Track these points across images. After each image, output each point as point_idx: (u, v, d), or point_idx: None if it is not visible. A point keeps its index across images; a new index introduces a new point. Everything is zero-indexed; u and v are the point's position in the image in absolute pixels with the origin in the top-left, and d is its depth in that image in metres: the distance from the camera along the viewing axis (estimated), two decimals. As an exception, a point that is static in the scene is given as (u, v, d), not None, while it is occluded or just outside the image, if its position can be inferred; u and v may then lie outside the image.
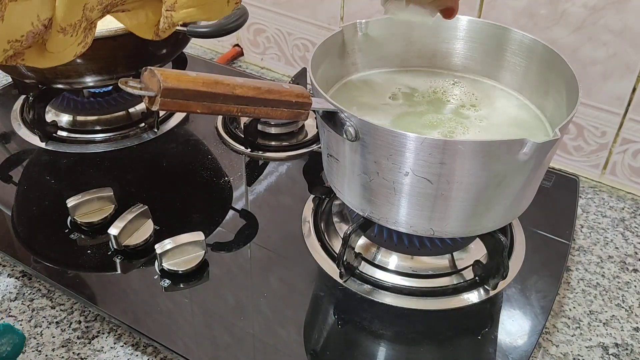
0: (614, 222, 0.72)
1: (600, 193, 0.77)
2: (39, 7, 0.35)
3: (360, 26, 0.62)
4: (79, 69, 0.68)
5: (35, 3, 0.34)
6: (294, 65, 1.00)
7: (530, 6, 0.74)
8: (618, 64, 0.71)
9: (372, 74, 0.65)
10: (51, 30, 0.35)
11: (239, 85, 0.43)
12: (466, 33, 0.64)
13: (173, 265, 0.57)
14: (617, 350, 0.56)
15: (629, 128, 0.74)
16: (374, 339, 0.54)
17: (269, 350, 0.52)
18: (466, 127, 0.58)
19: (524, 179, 0.49)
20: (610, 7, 0.69)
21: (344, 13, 0.89)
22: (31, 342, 0.55)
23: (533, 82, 0.61)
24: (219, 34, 0.70)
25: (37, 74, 0.69)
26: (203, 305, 0.56)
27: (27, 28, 0.35)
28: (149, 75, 0.40)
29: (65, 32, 0.36)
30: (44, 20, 0.34)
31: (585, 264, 0.66)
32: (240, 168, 0.74)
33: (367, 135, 0.47)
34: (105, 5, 0.38)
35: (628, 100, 0.73)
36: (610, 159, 0.77)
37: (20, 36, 0.35)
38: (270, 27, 0.99)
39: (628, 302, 0.61)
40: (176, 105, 0.41)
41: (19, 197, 0.69)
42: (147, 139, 0.78)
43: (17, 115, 0.81)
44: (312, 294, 0.58)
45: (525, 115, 0.60)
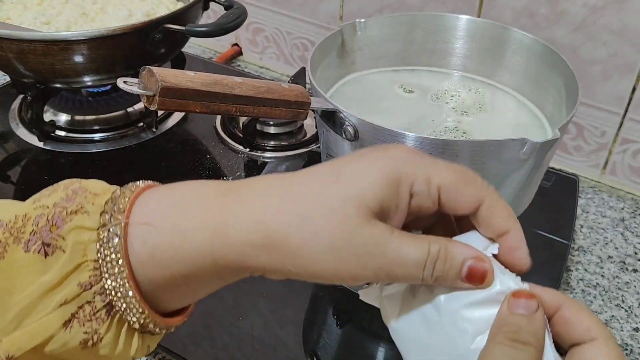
0: (613, 222, 0.72)
1: (600, 193, 0.77)
2: None
3: (359, 25, 0.62)
4: (78, 68, 0.67)
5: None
6: (293, 65, 1.00)
7: (529, 5, 0.74)
8: (618, 63, 0.71)
9: (371, 73, 0.65)
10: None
11: (238, 84, 0.43)
12: (466, 32, 0.64)
13: (171, 265, 0.57)
14: (616, 351, 0.56)
15: (629, 128, 0.74)
16: (373, 340, 0.54)
17: (268, 350, 0.52)
18: (469, 125, 0.58)
19: (524, 179, 0.49)
20: (610, 7, 0.69)
21: (343, 12, 0.89)
22: (29, 343, 0.54)
23: (532, 82, 0.61)
24: (217, 33, 0.70)
25: (36, 74, 0.69)
26: (201, 305, 0.56)
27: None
28: (147, 74, 0.40)
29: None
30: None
31: (584, 264, 0.65)
32: (239, 168, 0.73)
33: (366, 135, 0.47)
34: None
35: (628, 99, 0.72)
36: (610, 158, 0.77)
37: None
38: (269, 26, 0.99)
39: (628, 303, 0.61)
40: (175, 104, 0.41)
41: (17, 196, 0.69)
42: (146, 139, 0.78)
43: (15, 115, 0.81)
44: (311, 294, 0.58)
45: (524, 115, 0.60)
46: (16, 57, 0.66)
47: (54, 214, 0.29)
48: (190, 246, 0.29)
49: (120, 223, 0.29)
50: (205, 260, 0.29)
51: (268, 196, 0.29)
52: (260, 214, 0.28)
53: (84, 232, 0.29)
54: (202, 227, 0.29)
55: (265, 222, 0.28)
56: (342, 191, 0.28)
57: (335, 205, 0.28)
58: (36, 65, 0.67)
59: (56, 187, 0.31)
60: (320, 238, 0.28)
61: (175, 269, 0.29)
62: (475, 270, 0.28)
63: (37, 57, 0.65)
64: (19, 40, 0.64)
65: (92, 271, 0.28)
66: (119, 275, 0.29)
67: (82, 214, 0.29)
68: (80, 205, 0.29)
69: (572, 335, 0.29)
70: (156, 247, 0.29)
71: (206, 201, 0.30)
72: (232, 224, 0.29)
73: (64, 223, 0.29)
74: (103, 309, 0.29)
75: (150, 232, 0.29)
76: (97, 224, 0.29)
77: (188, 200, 0.30)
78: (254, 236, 0.28)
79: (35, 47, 0.64)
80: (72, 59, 0.66)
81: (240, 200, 0.29)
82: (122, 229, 0.29)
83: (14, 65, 0.67)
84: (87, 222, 0.29)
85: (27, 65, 0.67)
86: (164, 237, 0.29)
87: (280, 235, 0.28)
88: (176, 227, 0.29)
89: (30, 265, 0.28)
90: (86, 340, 0.29)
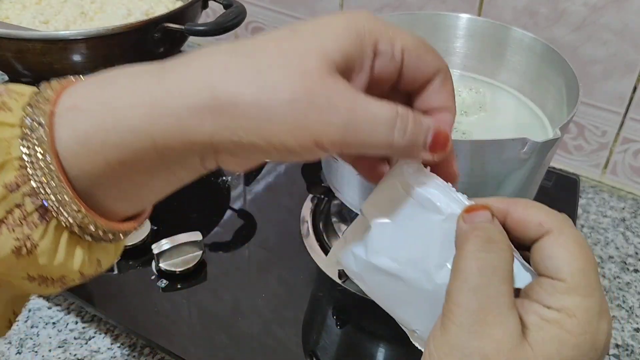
0: (614, 222, 0.71)
1: (600, 193, 0.77)
2: None
3: (359, 24, 0.62)
4: (76, 67, 0.67)
5: None
6: (292, 64, 1.00)
7: (530, 5, 0.73)
8: (618, 63, 0.71)
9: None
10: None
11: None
12: (466, 31, 0.64)
13: (170, 265, 0.57)
14: (617, 351, 0.56)
15: (630, 127, 0.74)
16: (373, 340, 0.53)
17: (268, 351, 0.52)
18: (469, 125, 0.57)
19: (524, 179, 0.49)
20: (610, 6, 0.68)
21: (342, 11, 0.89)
22: (28, 343, 0.54)
23: (533, 81, 0.61)
24: (216, 32, 0.70)
25: (34, 73, 0.69)
26: (201, 305, 0.56)
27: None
28: (145, 73, 0.40)
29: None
30: None
31: (585, 264, 0.65)
32: (239, 167, 0.73)
33: (366, 135, 0.47)
34: None
35: (629, 99, 0.72)
36: (611, 158, 0.77)
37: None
38: (269, 25, 0.98)
39: (629, 303, 0.61)
40: (173, 103, 0.40)
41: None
42: (145, 138, 0.77)
43: (14, 114, 0.81)
44: (310, 294, 0.57)
45: (525, 115, 0.60)
46: (15, 56, 0.65)
47: None
48: (124, 125, 0.25)
49: (45, 111, 0.26)
50: (143, 142, 0.25)
51: (214, 56, 0.26)
52: (205, 75, 0.25)
53: (5, 129, 0.26)
54: (137, 102, 0.25)
55: (212, 82, 0.25)
56: (302, 44, 0.25)
57: (293, 57, 0.25)
58: (35, 65, 0.66)
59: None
60: (277, 91, 0.24)
61: (110, 155, 0.26)
62: (438, 136, 0.28)
63: (35, 56, 0.65)
64: (17, 39, 0.63)
65: (19, 170, 0.25)
66: (46, 170, 0.25)
67: (4, 111, 0.26)
68: (3, 102, 0.26)
69: (527, 234, 0.28)
70: (86, 132, 0.26)
71: (141, 75, 0.26)
72: (171, 92, 0.25)
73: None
74: (35, 212, 0.26)
75: (78, 116, 0.26)
76: (20, 120, 0.26)
77: (120, 78, 0.27)
78: (198, 99, 0.25)
79: (34, 46, 0.64)
80: (70, 58, 0.66)
81: (182, 68, 0.26)
82: (47, 118, 0.26)
83: (13, 64, 0.67)
84: (9, 119, 0.26)
85: (26, 64, 0.67)
86: (93, 119, 0.26)
87: (229, 94, 0.24)
88: (106, 105, 0.26)
89: None
90: (19, 247, 0.26)
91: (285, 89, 0.24)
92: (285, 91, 0.24)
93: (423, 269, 0.29)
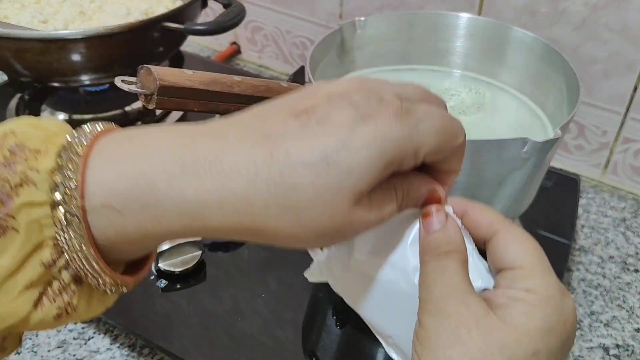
0: (615, 222, 0.71)
1: (601, 193, 0.77)
2: None
3: (359, 24, 0.62)
4: (75, 67, 0.67)
5: None
6: (292, 64, 1.00)
7: (530, 4, 0.73)
8: (619, 62, 0.71)
9: (371, 72, 0.65)
10: None
11: (237, 83, 0.43)
12: (466, 31, 0.63)
13: (170, 265, 0.57)
14: (618, 352, 0.55)
15: (630, 127, 0.74)
16: (373, 340, 0.53)
17: (267, 351, 0.52)
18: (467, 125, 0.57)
19: (525, 179, 0.49)
20: (611, 6, 0.68)
21: (342, 10, 0.89)
22: (27, 343, 0.54)
23: (533, 81, 0.61)
24: (216, 31, 0.69)
25: (33, 72, 0.68)
26: (200, 306, 0.55)
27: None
28: (145, 73, 0.40)
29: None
30: None
31: (586, 264, 0.65)
32: (238, 167, 0.73)
33: (366, 134, 0.47)
34: None
35: (629, 99, 0.72)
36: (612, 158, 0.77)
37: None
38: (268, 24, 0.98)
39: (629, 303, 0.60)
40: (173, 103, 0.40)
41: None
42: (144, 138, 0.77)
43: (13, 114, 0.81)
44: (310, 294, 0.57)
45: (525, 114, 0.60)
46: (13, 55, 0.65)
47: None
48: (165, 229, 0.27)
49: (77, 204, 0.26)
50: (182, 235, 0.28)
51: (253, 188, 0.26)
52: (247, 209, 0.27)
53: (35, 209, 0.26)
54: (177, 213, 0.27)
55: (254, 214, 0.27)
56: (335, 183, 0.27)
57: (328, 198, 0.27)
58: (34, 64, 0.66)
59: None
60: (312, 229, 0.27)
61: (147, 243, 0.29)
62: (431, 199, 0.31)
63: (34, 55, 0.65)
64: (16, 39, 0.63)
65: (54, 248, 0.27)
66: (85, 257, 0.27)
67: (28, 186, 0.26)
68: (24, 175, 0.26)
69: (480, 234, 0.32)
70: (125, 228, 0.27)
71: (175, 181, 0.27)
72: (213, 213, 0.27)
73: (9, 199, 0.26)
74: (72, 281, 0.27)
75: (116, 215, 0.27)
76: (48, 195, 0.26)
77: (153, 178, 0.27)
78: (240, 225, 0.27)
79: (33, 45, 0.64)
80: (69, 58, 0.66)
81: (220, 189, 0.26)
82: (80, 212, 0.26)
83: (11, 64, 0.67)
84: (36, 196, 0.26)
85: (25, 64, 0.66)
86: (133, 221, 0.27)
87: (270, 228, 0.27)
88: (146, 211, 0.27)
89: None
90: (60, 314, 0.28)
91: (318, 227, 0.27)
92: (318, 229, 0.27)
93: (401, 269, 0.31)
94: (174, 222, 0.27)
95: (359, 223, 0.28)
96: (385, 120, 0.28)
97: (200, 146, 0.27)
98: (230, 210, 0.27)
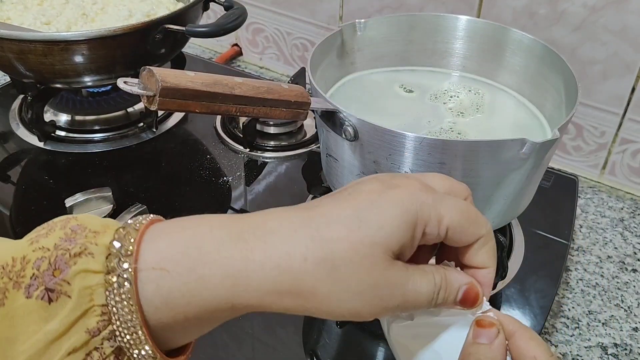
0: (613, 222, 0.72)
1: (599, 193, 0.77)
2: None
3: (359, 26, 0.62)
4: (78, 68, 0.68)
5: None
6: (292, 65, 1.00)
7: (529, 6, 0.74)
8: (617, 63, 0.71)
9: (371, 74, 0.65)
10: None
11: (238, 84, 0.43)
12: (465, 32, 0.64)
13: (172, 265, 0.57)
14: (616, 351, 0.56)
15: (628, 128, 0.74)
16: (373, 340, 0.54)
17: (268, 350, 0.52)
18: (465, 126, 0.58)
19: (523, 179, 0.49)
20: (609, 7, 0.69)
21: (343, 12, 0.89)
22: (29, 342, 0.54)
23: (532, 82, 0.61)
24: (217, 33, 0.70)
25: (36, 74, 0.69)
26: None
27: None
28: (147, 74, 0.40)
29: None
30: None
31: (584, 264, 0.65)
32: (239, 168, 0.73)
33: (366, 135, 0.47)
34: None
35: (627, 100, 0.73)
36: (610, 159, 0.77)
37: None
38: (269, 26, 0.99)
39: (627, 302, 0.61)
40: (175, 104, 0.41)
41: (17, 196, 0.69)
42: (146, 139, 0.78)
43: (16, 115, 0.81)
44: (311, 294, 0.58)
45: (524, 115, 0.60)
46: (16, 57, 0.66)
47: (56, 257, 0.28)
48: (209, 293, 0.29)
49: (130, 269, 0.28)
50: (224, 306, 0.29)
51: (292, 242, 0.29)
52: (286, 263, 0.29)
53: (90, 276, 0.28)
54: (222, 274, 0.28)
55: (292, 270, 0.28)
56: (368, 237, 0.29)
57: (363, 252, 0.29)
58: (36, 66, 0.67)
59: (52, 226, 0.30)
60: (349, 285, 0.29)
61: (190, 314, 0.29)
62: (468, 294, 0.32)
63: (37, 57, 0.65)
64: (19, 40, 0.64)
65: (100, 316, 0.28)
66: (131, 323, 0.28)
67: (86, 256, 0.28)
68: (84, 246, 0.28)
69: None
70: (171, 292, 0.28)
71: (223, 245, 0.29)
72: (255, 271, 0.29)
73: (67, 267, 0.28)
74: (112, 354, 0.28)
75: (165, 277, 0.28)
76: (103, 266, 0.28)
77: (203, 244, 0.29)
78: (280, 285, 0.29)
79: (36, 47, 0.64)
80: (72, 59, 0.66)
81: (262, 247, 0.29)
82: (132, 275, 0.28)
83: (15, 65, 0.67)
84: (92, 265, 0.28)
85: (28, 65, 0.67)
86: (180, 283, 0.28)
87: (308, 284, 0.29)
88: (193, 273, 0.28)
89: (33, 312, 0.27)
90: None
91: (356, 283, 0.29)
92: (356, 285, 0.29)
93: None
94: (218, 286, 0.28)
95: (396, 285, 0.29)
96: (410, 188, 0.31)
97: (246, 219, 0.30)
98: (271, 266, 0.29)
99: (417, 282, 0.30)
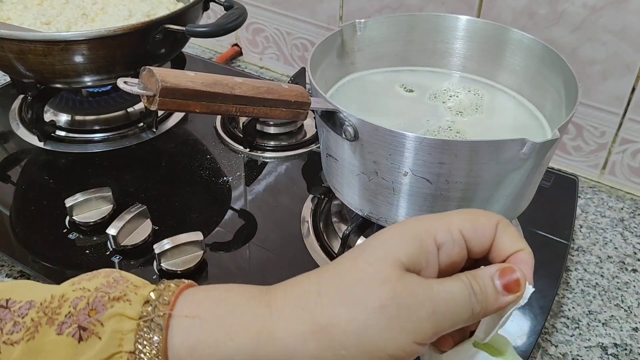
0: (613, 222, 0.72)
1: (599, 193, 0.77)
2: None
3: (359, 26, 0.62)
4: (78, 68, 0.68)
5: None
6: (293, 65, 1.00)
7: (529, 6, 0.74)
8: (617, 63, 0.71)
9: (371, 74, 0.65)
10: None
11: (238, 84, 0.43)
12: (465, 32, 0.64)
13: (172, 265, 0.57)
14: (616, 351, 0.56)
15: (628, 128, 0.74)
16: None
17: None
18: (464, 125, 0.58)
19: (523, 179, 0.49)
20: (609, 7, 0.69)
21: (343, 12, 0.89)
22: (29, 342, 0.54)
23: (532, 82, 0.61)
24: (217, 33, 0.70)
25: (36, 74, 0.69)
26: (202, 305, 0.56)
27: None
28: (147, 74, 0.40)
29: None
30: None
31: (584, 264, 0.66)
32: (239, 168, 0.73)
33: (366, 135, 0.47)
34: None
35: (627, 100, 0.73)
36: (610, 159, 0.77)
37: None
38: (269, 26, 0.99)
39: (627, 302, 0.61)
40: (175, 104, 0.41)
41: (17, 196, 0.69)
42: (146, 139, 0.78)
43: (16, 115, 0.81)
44: (311, 294, 0.58)
45: (524, 115, 0.60)
46: (16, 57, 0.66)
47: (95, 298, 0.29)
48: (234, 344, 0.29)
49: (164, 315, 0.28)
50: (247, 358, 0.29)
51: (305, 284, 0.30)
52: (302, 302, 0.29)
53: (124, 321, 0.28)
54: (248, 322, 0.29)
55: (309, 307, 0.29)
56: (373, 256, 0.29)
57: (370, 270, 0.29)
58: (36, 66, 0.67)
59: (96, 274, 0.31)
60: (367, 303, 0.28)
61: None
62: (505, 276, 0.31)
63: (37, 57, 0.65)
64: (19, 40, 0.64)
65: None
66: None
67: (124, 302, 0.29)
68: (124, 292, 0.29)
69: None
70: (198, 343, 0.29)
71: (252, 297, 0.31)
72: (278, 320, 0.29)
73: (104, 308, 0.28)
74: None
75: (194, 325, 0.29)
76: (139, 314, 0.29)
77: (233, 297, 0.31)
78: (301, 326, 0.29)
79: (36, 47, 0.64)
80: (72, 59, 0.66)
81: (282, 294, 0.31)
82: (165, 321, 0.28)
83: (15, 65, 0.67)
84: (128, 311, 0.29)
85: (28, 65, 0.67)
86: (207, 330, 0.29)
87: (326, 316, 0.28)
88: (221, 320, 0.29)
89: (61, 349, 0.28)
90: None
91: (374, 298, 0.28)
92: (374, 300, 0.28)
93: None
94: (242, 335, 0.29)
95: (418, 291, 0.28)
96: (406, 221, 0.32)
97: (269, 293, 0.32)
98: (290, 308, 0.29)
99: (444, 285, 0.29)
